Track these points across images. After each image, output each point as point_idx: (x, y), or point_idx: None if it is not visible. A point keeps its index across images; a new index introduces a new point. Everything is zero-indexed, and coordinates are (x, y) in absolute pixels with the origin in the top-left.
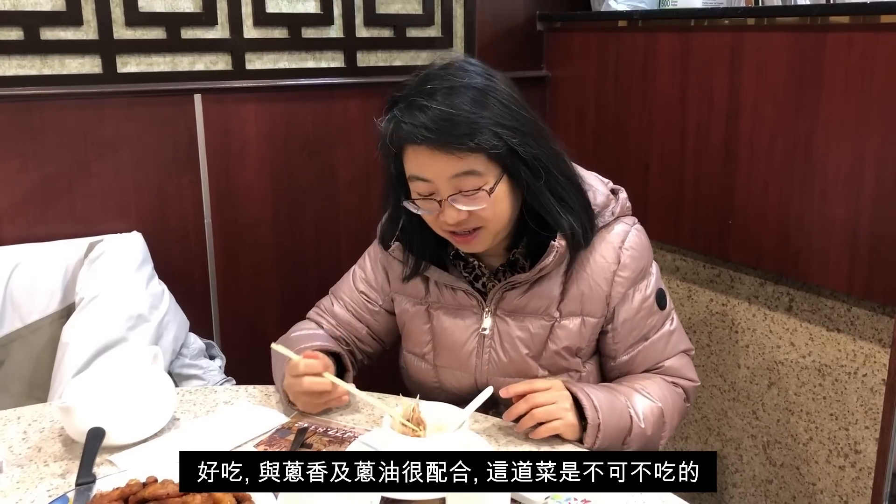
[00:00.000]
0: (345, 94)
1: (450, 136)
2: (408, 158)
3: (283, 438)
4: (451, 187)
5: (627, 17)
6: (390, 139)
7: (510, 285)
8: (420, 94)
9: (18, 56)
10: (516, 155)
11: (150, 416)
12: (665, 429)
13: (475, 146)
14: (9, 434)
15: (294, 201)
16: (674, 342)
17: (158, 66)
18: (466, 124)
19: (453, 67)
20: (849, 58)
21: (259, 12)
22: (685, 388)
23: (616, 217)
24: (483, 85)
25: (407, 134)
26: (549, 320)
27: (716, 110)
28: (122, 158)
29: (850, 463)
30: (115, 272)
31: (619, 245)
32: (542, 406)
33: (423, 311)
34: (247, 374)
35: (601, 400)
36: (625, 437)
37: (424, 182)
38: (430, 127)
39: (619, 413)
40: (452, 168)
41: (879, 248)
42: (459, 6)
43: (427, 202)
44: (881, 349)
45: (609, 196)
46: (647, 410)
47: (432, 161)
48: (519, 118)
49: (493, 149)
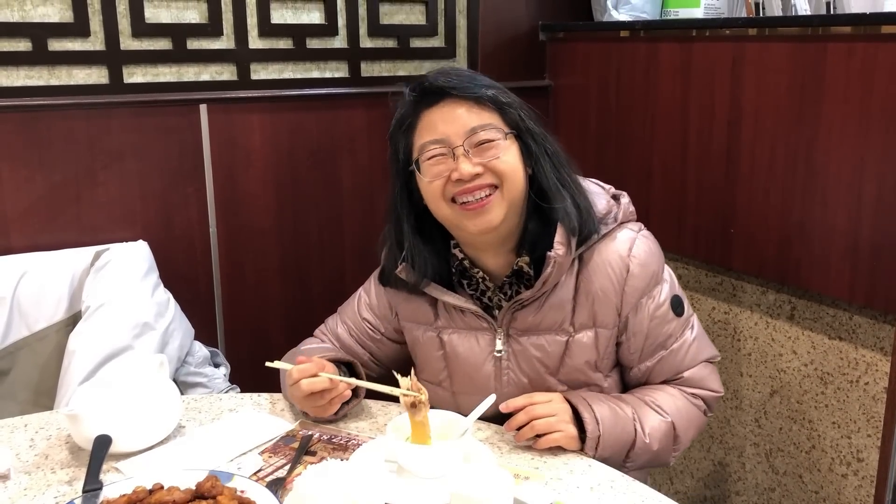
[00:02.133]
0: (349, 103)
1: (468, 86)
2: (423, 127)
3: (288, 446)
4: (465, 140)
5: (629, 27)
6: (409, 106)
7: (519, 304)
8: (438, 74)
9: (27, 67)
10: (526, 128)
11: (155, 424)
12: (679, 443)
13: (491, 98)
14: (16, 441)
15: (299, 210)
16: (694, 351)
17: (164, 76)
18: (480, 81)
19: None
20: (849, 67)
21: (264, 23)
22: (706, 399)
23: (619, 223)
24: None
25: (428, 93)
26: (563, 336)
27: (717, 119)
28: (128, 168)
29: (853, 471)
30: (121, 280)
31: (626, 254)
32: (542, 418)
33: (435, 338)
34: (251, 381)
35: (603, 413)
36: (628, 451)
37: (438, 144)
38: (451, 80)
39: (622, 426)
40: (469, 120)
41: (881, 257)
42: (463, 17)
43: (439, 164)
44: (883, 357)
45: (610, 202)
46: (656, 425)
47: (450, 115)
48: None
49: (506, 108)
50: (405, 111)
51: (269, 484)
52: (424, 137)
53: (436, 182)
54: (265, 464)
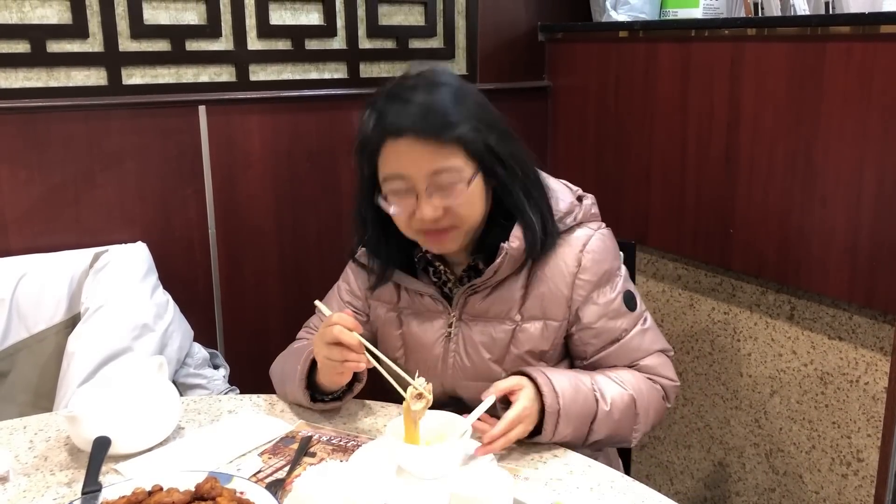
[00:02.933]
0: (348, 104)
1: (432, 126)
2: (386, 155)
3: (287, 447)
4: (428, 183)
5: (628, 27)
6: (372, 131)
7: (472, 290)
8: (401, 89)
9: (25, 69)
10: (492, 152)
11: (155, 426)
12: (638, 422)
13: (455, 138)
14: (15, 443)
15: (298, 211)
16: (648, 341)
17: (163, 77)
18: (447, 115)
19: (428, 71)
20: (848, 67)
21: (263, 24)
22: (664, 387)
23: (578, 223)
24: (458, 84)
25: (390, 124)
26: (510, 324)
27: (716, 120)
28: (127, 169)
29: (853, 471)
30: (121, 282)
31: (580, 249)
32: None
33: (395, 318)
34: (251, 383)
35: (563, 385)
36: (590, 424)
37: (401, 179)
38: (415, 115)
39: (583, 397)
40: (432, 162)
41: (880, 257)
42: (462, 17)
43: (402, 200)
44: (882, 357)
45: (573, 203)
46: (616, 395)
47: (413, 155)
48: (493, 116)
49: (471, 143)
50: (369, 134)
51: (268, 485)
52: (388, 168)
53: (399, 216)
54: (264, 465)
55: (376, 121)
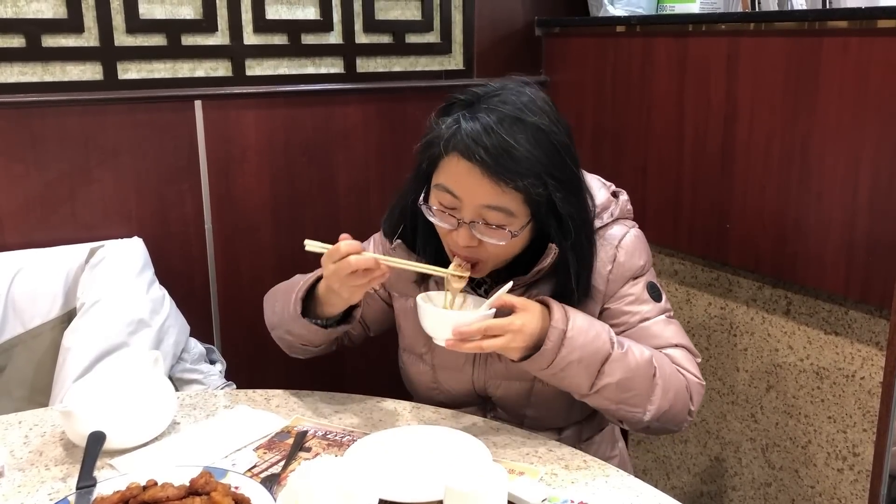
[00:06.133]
0: (344, 99)
1: (501, 168)
2: (448, 166)
3: (283, 442)
4: (476, 213)
5: (625, 22)
6: (445, 141)
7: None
8: (489, 112)
9: (20, 63)
10: (552, 207)
11: (150, 421)
12: (654, 393)
13: (521, 187)
14: (10, 438)
15: (294, 207)
16: (671, 332)
17: (159, 72)
18: (522, 163)
19: (527, 99)
20: (845, 62)
21: (259, 19)
22: (688, 381)
23: (615, 219)
24: (548, 128)
25: (464, 146)
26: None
27: (713, 114)
28: (123, 164)
29: (849, 465)
30: (116, 277)
31: (616, 244)
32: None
33: None
34: (247, 378)
35: (577, 316)
36: (601, 364)
37: (452, 196)
38: (490, 151)
39: (595, 332)
40: (488, 197)
41: (876, 251)
42: (458, 12)
43: (446, 216)
44: (878, 352)
45: (609, 198)
46: (635, 348)
47: (472, 181)
48: (569, 174)
49: (535, 195)
50: (439, 136)
51: (263, 480)
52: (444, 179)
53: (439, 226)
54: (260, 460)
55: (450, 129)
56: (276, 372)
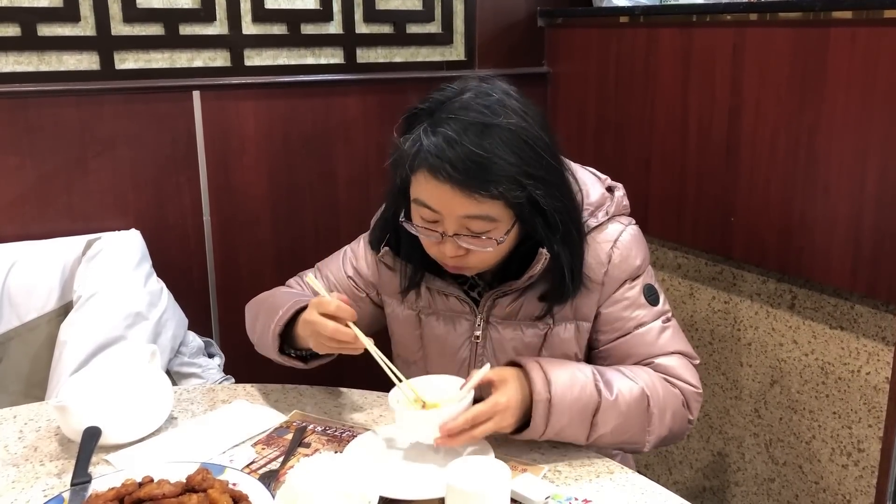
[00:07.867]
0: (344, 90)
1: (473, 181)
2: (420, 183)
3: (282, 437)
4: (459, 225)
5: (629, 12)
6: (410, 160)
7: (501, 292)
8: (451, 122)
9: (15, 52)
10: (535, 205)
11: (146, 416)
12: (652, 423)
13: (497, 194)
14: (4, 433)
15: (293, 198)
16: (667, 338)
17: (157, 62)
18: (493, 170)
19: (492, 99)
20: (852, 53)
21: (258, 8)
22: (684, 392)
23: (610, 217)
24: (518, 126)
25: (429, 165)
26: (542, 328)
27: (718, 106)
28: (120, 156)
29: (854, 461)
30: (114, 270)
31: (611, 245)
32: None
33: (414, 317)
34: (246, 372)
35: (558, 375)
36: (592, 416)
37: (431, 211)
38: (457, 166)
39: (580, 386)
40: (466, 208)
41: (883, 246)
42: (460, 2)
43: (429, 231)
44: (884, 347)
45: (604, 195)
46: (625, 388)
47: (446, 196)
48: (547, 167)
49: (514, 198)
50: (402, 156)
51: (261, 476)
52: (419, 194)
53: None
54: (258, 456)
55: (414, 146)
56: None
